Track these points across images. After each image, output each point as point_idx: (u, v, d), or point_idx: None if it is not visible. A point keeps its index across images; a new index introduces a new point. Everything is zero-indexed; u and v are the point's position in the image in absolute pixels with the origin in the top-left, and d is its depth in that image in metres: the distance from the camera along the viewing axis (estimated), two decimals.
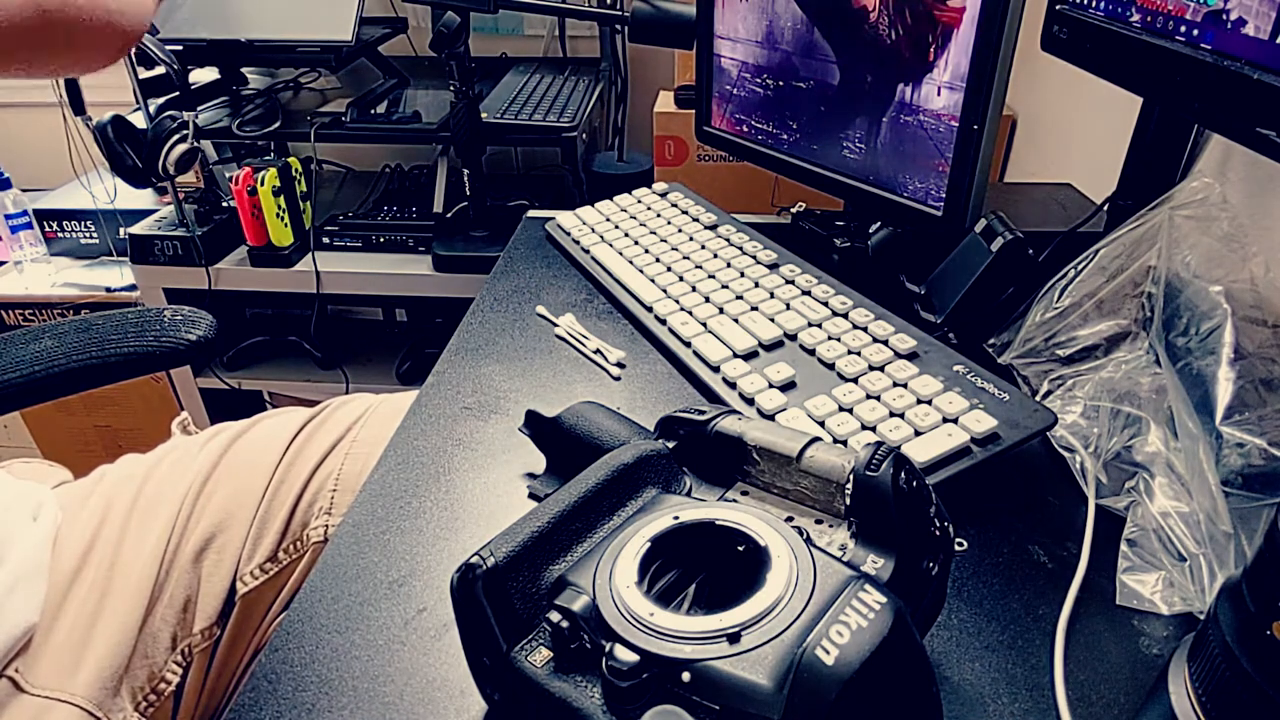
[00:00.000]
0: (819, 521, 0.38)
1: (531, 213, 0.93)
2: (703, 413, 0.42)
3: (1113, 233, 0.61)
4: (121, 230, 1.56)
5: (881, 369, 0.60)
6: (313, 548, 0.65)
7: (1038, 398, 0.58)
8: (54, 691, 0.52)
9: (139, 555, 0.61)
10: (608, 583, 0.34)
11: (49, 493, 0.63)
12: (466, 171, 1.39)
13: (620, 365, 0.66)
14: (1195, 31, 0.53)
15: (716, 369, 0.62)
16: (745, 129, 0.88)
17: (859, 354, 0.61)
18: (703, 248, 0.78)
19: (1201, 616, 0.39)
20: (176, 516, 0.63)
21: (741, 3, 0.82)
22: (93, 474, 0.69)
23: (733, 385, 0.60)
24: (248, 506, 0.65)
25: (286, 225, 1.41)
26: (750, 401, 0.59)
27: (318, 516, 0.66)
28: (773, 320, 0.66)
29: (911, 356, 0.61)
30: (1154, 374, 0.54)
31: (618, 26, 1.53)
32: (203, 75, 1.55)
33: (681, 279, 0.73)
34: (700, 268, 0.75)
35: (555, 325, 0.71)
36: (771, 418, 0.57)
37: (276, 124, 1.44)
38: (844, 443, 0.54)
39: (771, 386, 0.59)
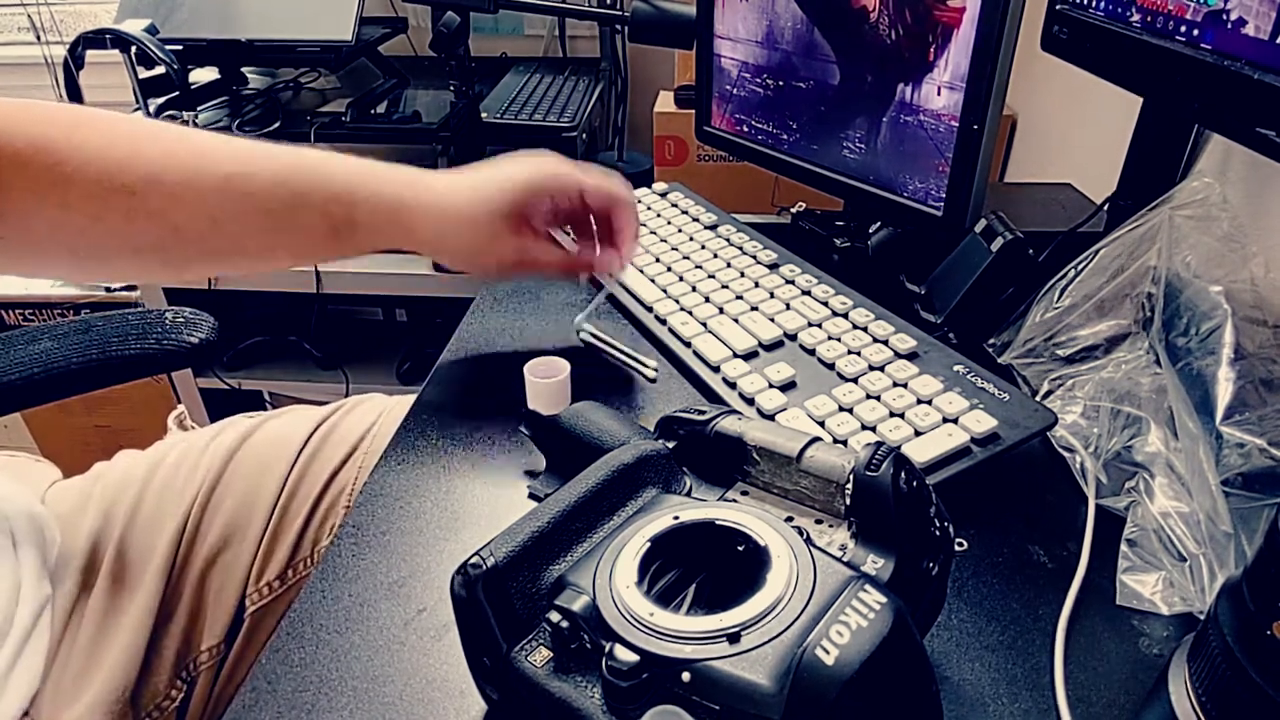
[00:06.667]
0: (819, 521, 0.38)
1: None
2: (703, 413, 0.42)
3: (1113, 233, 0.61)
4: None
5: (881, 369, 0.60)
6: (323, 564, 0.63)
7: (1038, 398, 0.58)
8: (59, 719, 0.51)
9: (145, 571, 0.58)
10: (608, 583, 0.34)
11: (39, 506, 0.60)
12: None
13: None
14: (1195, 31, 0.53)
15: (716, 369, 0.62)
16: (745, 129, 0.88)
17: (859, 354, 0.61)
18: (703, 248, 0.78)
19: (1201, 616, 0.39)
20: (183, 528, 0.61)
21: (741, 3, 0.82)
22: (89, 473, 0.66)
23: (733, 385, 0.60)
24: (258, 520, 0.63)
25: None
26: (750, 401, 0.59)
27: (330, 534, 0.63)
28: (773, 320, 0.66)
29: (911, 356, 0.61)
30: (1154, 374, 0.54)
31: (618, 26, 1.53)
32: (203, 75, 1.55)
33: (681, 279, 0.73)
34: (700, 268, 0.75)
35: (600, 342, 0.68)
36: (771, 418, 0.57)
37: (276, 124, 1.44)
38: (844, 443, 0.54)
39: (771, 386, 0.59)
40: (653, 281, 0.73)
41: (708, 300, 0.70)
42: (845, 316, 0.66)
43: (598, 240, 0.65)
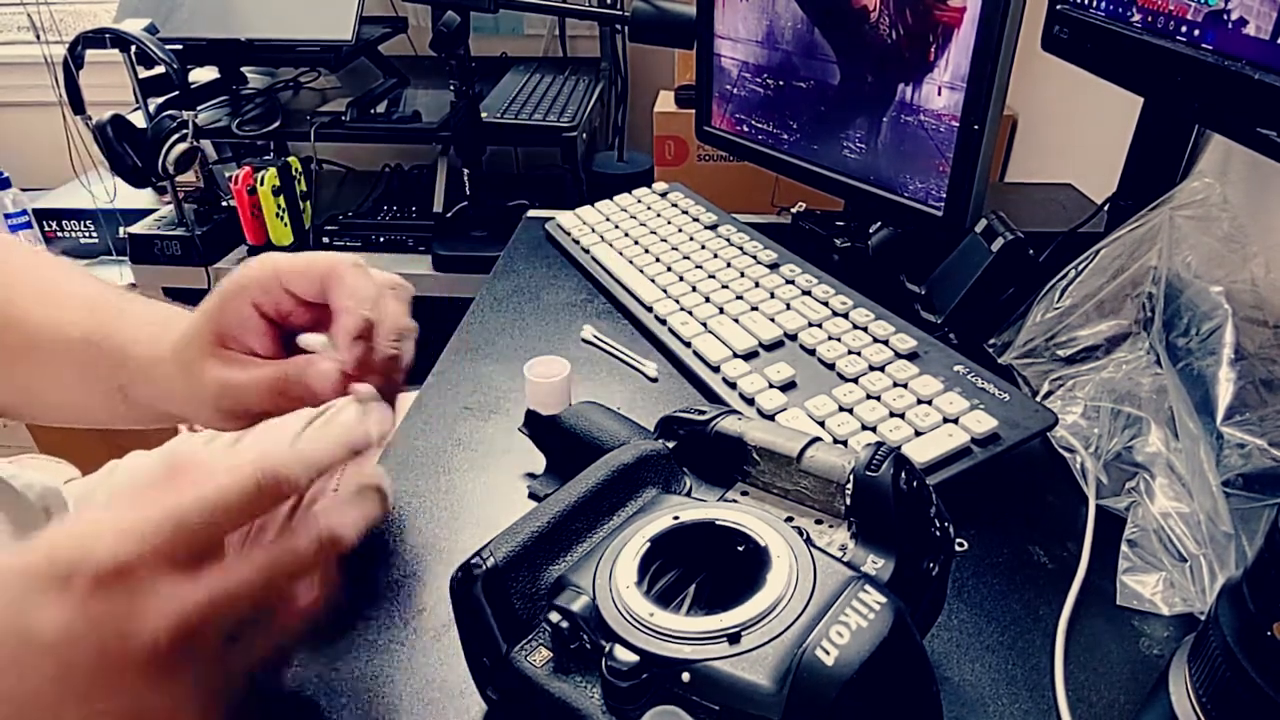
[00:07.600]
0: (819, 522, 0.38)
1: (531, 213, 0.93)
2: (703, 413, 0.42)
3: (1113, 233, 0.61)
4: (121, 230, 1.56)
5: (882, 369, 0.59)
6: None
7: (1038, 398, 0.58)
8: None
9: None
10: (608, 583, 0.34)
11: (62, 485, 0.63)
12: (466, 171, 1.39)
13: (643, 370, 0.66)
14: (1196, 31, 0.53)
15: (716, 369, 0.62)
16: (745, 129, 0.88)
17: (859, 354, 0.61)
18: (703, 248, 0.78)
19: (1202, 617, 0.38)
20: None
21: (742, 2, 0.82)
22: (103, 469, 0.68)
23: (733, 385, 0.60)
24: None
25: (286, 225, 1.41)
26: (750, 401, 0.59)
27: None
28: (773, 320, 0.66)
29: (912, 356, 0.61)
30: (1154, 374, 0.54)
31: (618, 26, 1.53)
32: (203, 75, 1.55)
33: (681, 279, 0.73)
34: (700, 268, 0.75)
35: (604, 345, 0.68)
36: (771, 418, 0.57)
37: (276, 123, 1.44)
38: (844, 443, 0.54)
39: (771, 386, 0.59)
40: (653, 281, 0.73)
41: (708, 300, 0.70)
42: (845, 316, 0.66)
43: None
